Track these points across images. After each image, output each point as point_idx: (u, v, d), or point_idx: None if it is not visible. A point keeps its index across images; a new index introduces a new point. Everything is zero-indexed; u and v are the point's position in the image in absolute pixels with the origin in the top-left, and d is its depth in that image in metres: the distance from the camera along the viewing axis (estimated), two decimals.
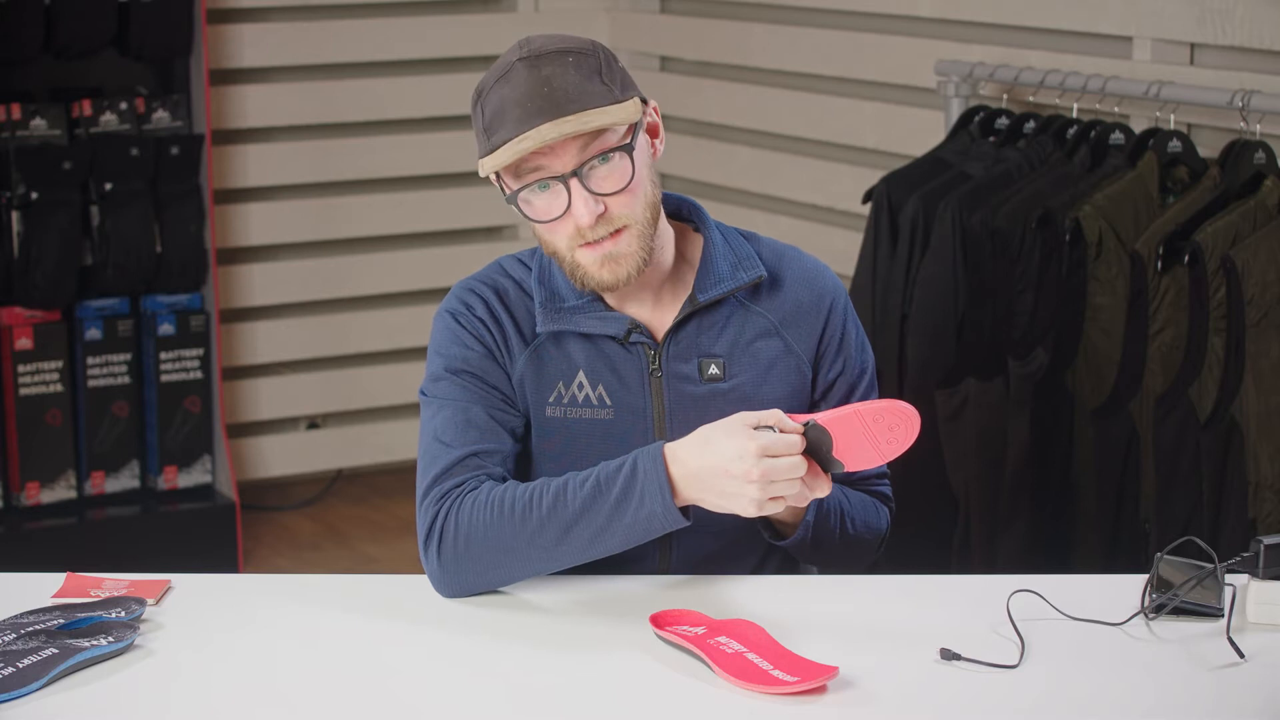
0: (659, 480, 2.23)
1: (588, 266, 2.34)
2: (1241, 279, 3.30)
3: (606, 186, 2.31)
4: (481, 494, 2.30)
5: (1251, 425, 3.32)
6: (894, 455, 2.24)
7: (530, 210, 2.32)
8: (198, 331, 4.88)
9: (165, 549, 4.72)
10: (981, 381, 3.65)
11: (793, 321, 2.46)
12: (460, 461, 2.34)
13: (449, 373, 2.40)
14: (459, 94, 5.40)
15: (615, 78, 2.32)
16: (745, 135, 5.02)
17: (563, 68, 2.29)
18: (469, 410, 2.38)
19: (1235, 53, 3.72)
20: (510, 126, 2.27)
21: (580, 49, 2.32)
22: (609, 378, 2.41)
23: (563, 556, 2.29)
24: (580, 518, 2.26)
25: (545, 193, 2.31)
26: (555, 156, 2.28)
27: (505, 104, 2.28)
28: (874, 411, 2.19)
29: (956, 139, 3.98)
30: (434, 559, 2.31)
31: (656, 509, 2.23)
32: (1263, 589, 2.23)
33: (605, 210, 2.31)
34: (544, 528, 2.27)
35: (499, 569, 2.30)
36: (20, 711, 2.01)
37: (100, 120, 4.72)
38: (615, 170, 2.31)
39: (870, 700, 2.04)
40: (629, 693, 2.08)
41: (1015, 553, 3.61)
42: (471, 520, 2.29)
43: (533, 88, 2.27)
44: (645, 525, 2.25)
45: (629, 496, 2.24)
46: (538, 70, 2.28)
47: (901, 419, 2.20)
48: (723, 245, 2.45)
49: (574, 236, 2.32)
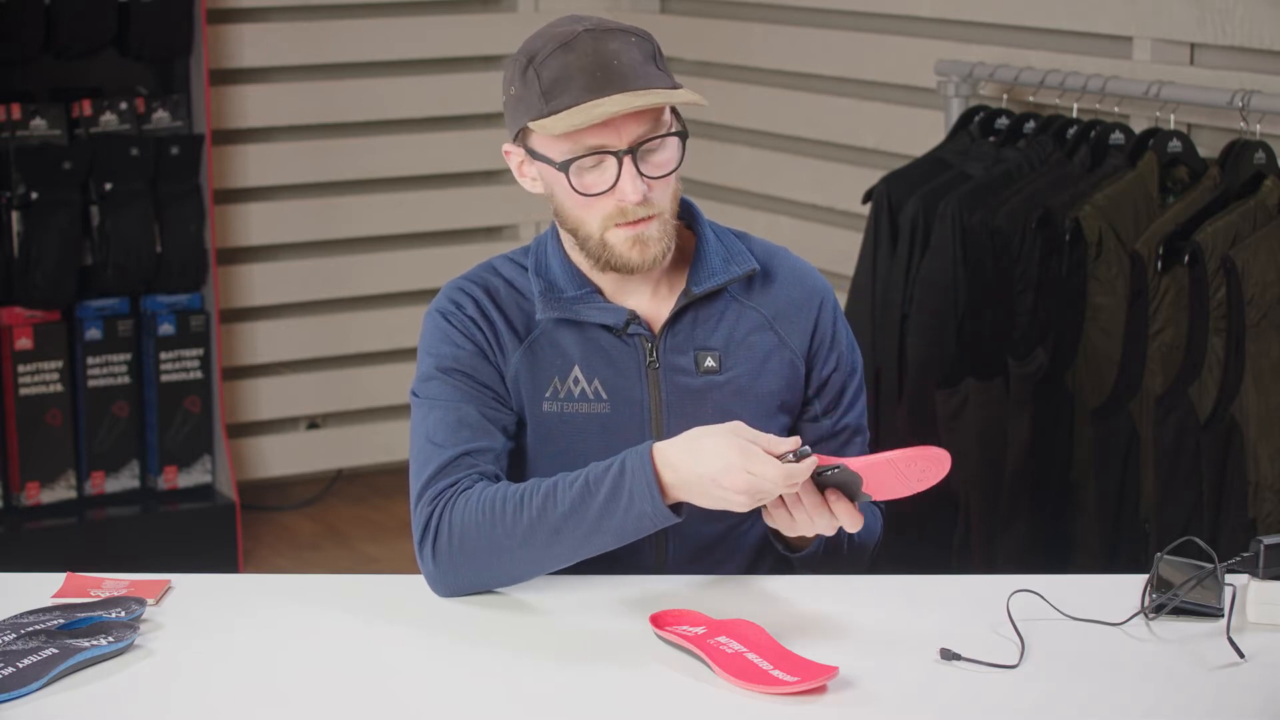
0: (647, 480, 2.22)
1: (617, 245, 2.34)
2: (1241, 279, 3.30)
3: (655, 169, 2.32)
4: (474, 494, 2.30)
5: (1251, 425, 3.32)
6: (922, 489, 2.22)
7: (579, 182, 2.32)
8: (198, 331, 4.88)
9: (165, 549, 4.72)
10: (981, 381, 3.65)
11: (785, 317, 2.47)
12: (453, 461, 2.34)
13: (440, 372, 2.40)
14: (459, 94, 5.41)
15: (665, 66, 2.36)
16: (745, 135, 5.03)
17: (627, 45, 2.31)
18: (461, 409, 2.38)
19: (1235, 53, 3.72)
20: (575, 92, 2.28)
21: (637, 32, 2.35)
22: (605, 371, 2.41)
23: (556, 556, 2.29)
24: (569, 518, 2.26)
25: (596, 167, 2.32)
26: (616, 132, 2.29)
27: (570, 70, 2.28)
28: (906, 459, 2.17)
29: (956, 139, 3.98)
30: (429, 559, 2.32)
31: (646, 509, 2.23)
32: (1263, 589, 2.23)
33: (649, 191, 2.32)
34: (535, 528, 2.27)
35: (493, 569, 2.30)
36: (20, 711, 2.01)
37: (100, 120, 4.72)
38: (665, 154, 2.33)
39: (870, 700, 2.04)
40: (629, 693, 2.08)
41: (1015, 553, 3.61)
42: (464, 521, 2.29)
43: (600, 59, 2.28)
44: (636, 524, 2.25)
45: (618, 497, 2.24)
46: (605, 43, 2.30)
47: (933, 462, 2.17)
48: (715, 241, 2.46)
49: (612, 215, 2.33)
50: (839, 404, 2.50)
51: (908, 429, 3.78)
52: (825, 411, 2.50)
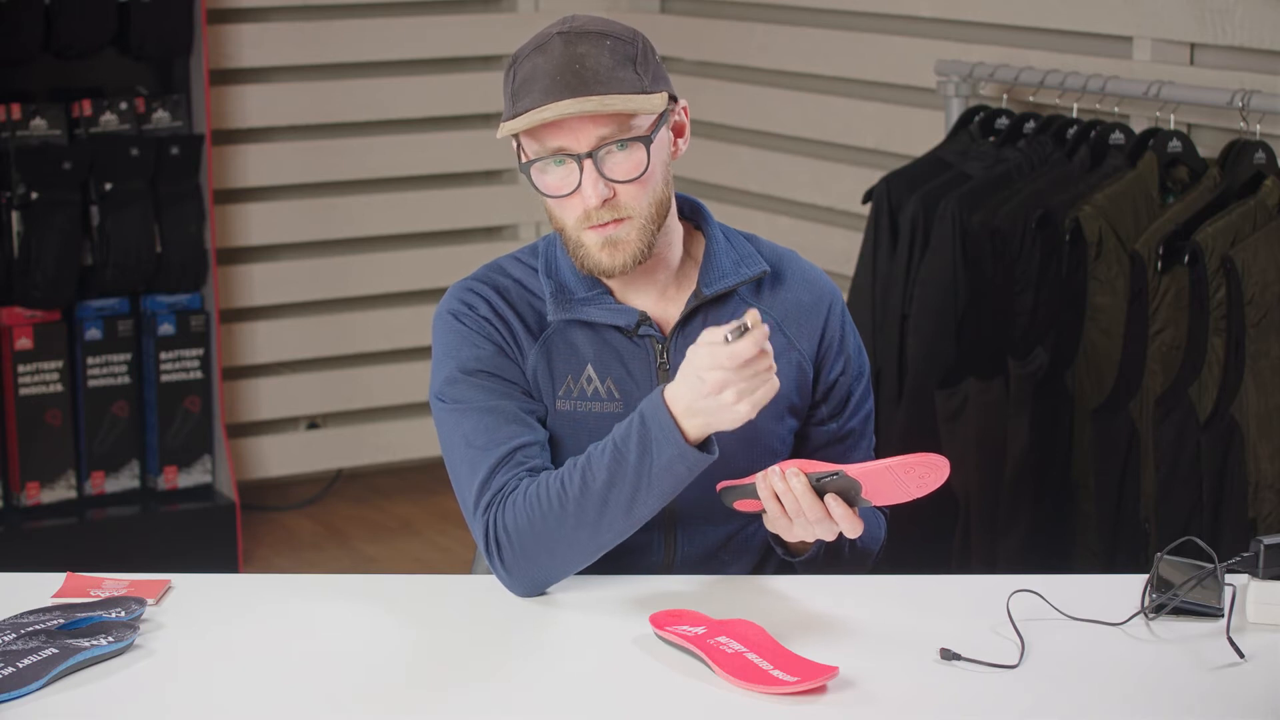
0: (664, 423, 2.23)
1: (590, 247, 2.35)
2: (1241, 279, 3.30)
3: (619, 174, 2.32)
4: (519, 494, 2.31)
5: (1251, 425, 3.32)
6: (921, 495, 2.22)
7: (541, 182, 2.34)
8: (198, 331, 4.88)
9: (165, 549, 4.72)
10: (981, 381, 3.65)
11: (794, 319, 2.47)
12: (501, 462, 2.34)
13: (464, 374, 2.39)
14: (459, 94, 5.41)
15: (649, 69, 2.35)
16: (745, 135, 5.02)
17: (598, 49, 2.31)
18: (496, 407, 2.37)
19: (1235, 53, 3.72)
20: (535, 96, 2.30)
21: (621, 35, 2.34)
22: (618, 371, 2.42)
23: (611, 526, 2.28)
24: (611, 485, 2.26)
25: (560, 168, 2.33)
26: (574, 135, 2.30)
27: (535, 73, 2.31)
28: (905, 465, 2.17)
29: (956, 139, 3.98)
30: (500, 568, 2.32)
31: (673, 451, 2.23)
32: (1263, 589, 2.23)
33: (613, 196, 2.32)
34: (582, 507, 2.27)
35: (559, 558, 2.30)
36: (20, 711, 2.01)
37: (100, 120, 4.72)
38: (630, 159, 2.32)
39: (870, 700, 2.04)
40: (629, 693, 2.08)
41: (1015, 553, 3.61)
42: (518, 523, 2.29)
43: (565, 63, 2.30)
44: (670, 470, 2.25)
45: (647, 449, 2.24)
46: (574, 47, 2.31)
47: (932, 469, 2.18)
48: (725, 243, 2.47)
49: (581, 217, 2.34)
50: (845, 407, 2.50)
51: (908, 429, 3.78)
52: (832, 415, 2.50)
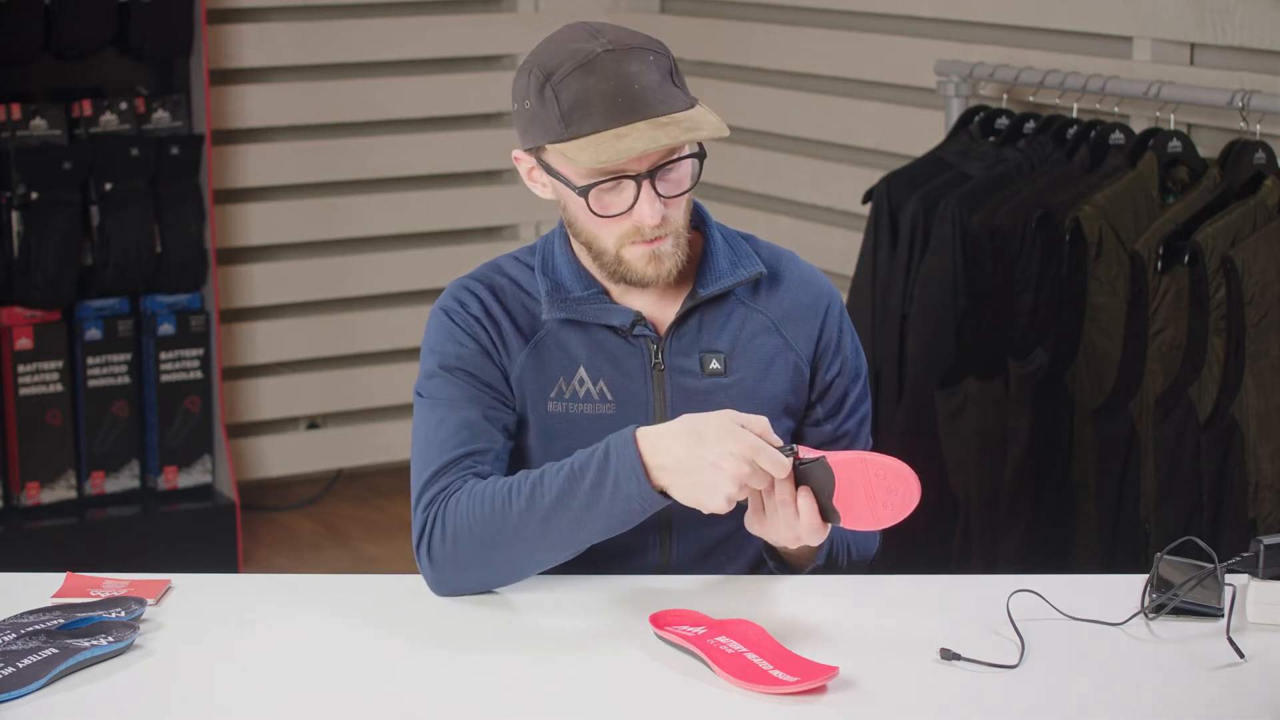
0: (631, 463, 2.21)
1: (633, 262, 2.34)
2: (1241, 279, 3.30)
3: (671, 190, 2.33)
4: (464, 493, 2.30)
5: (1251, 425, 3.32)
6: (888, 523, 2.19)
7: (598, 204, 2.31)
8: (198, 331, 4.88)
9: (165, 549, 4.72)
10: (981, 381, 3.65)
11: (791, 320, 2.47)
12: (453, 463, 2.34)
13: (443, 370, 2.40)
14: (459, 94, 5.41)
15: (682, 79, 2.35)
16: (745, 135, 5.02)
17: (645, 65, 2.29)
18: (462, 409, 2.37)
19: (1235, 53, 3.72)
20: (598, 119, 2.26)
21: (656, 48, 2.32)
22: (611, 372, 2.41)
23: (550, 547, 2.28)
24: (557, 506, 2.25)
25: (611, 189, 2.31)
26: (636, 158, 2.28)
27: (591, 95, 2.26)
28: (879, 464, 2.17)
29: (956, 139, 3.98)
30: (425, 560, 2.32)
31: (633, 490, 2.22)
32: (1263, 589, 2.23)
33: (665, 211, 2.32)
34: (525, 519, 2.26)
35: (490, 566, 2.30)
36: (20, 711, 2.01)
37: (100, 120, 4.72)
38: (680, 173, 2.34)
39: (870, 700, 2.04)
40: (629, 693, 2.08)
41: (1015, 553, 3.61)
42: (457, 520, 2.29)
43: (623, 83, 2.27)
44: (624, 509, 2.24)
45: (604, 481, 2.23)
46: (626, 65, 2.28)
47: (902, 483, 2.16)
48: (722, 244, 2.47)
49: (628, 234, 2.32)
50: (841, 409, 2.50)
51: (908, 429, 3.78)
52: (827, 416, 2.49)
